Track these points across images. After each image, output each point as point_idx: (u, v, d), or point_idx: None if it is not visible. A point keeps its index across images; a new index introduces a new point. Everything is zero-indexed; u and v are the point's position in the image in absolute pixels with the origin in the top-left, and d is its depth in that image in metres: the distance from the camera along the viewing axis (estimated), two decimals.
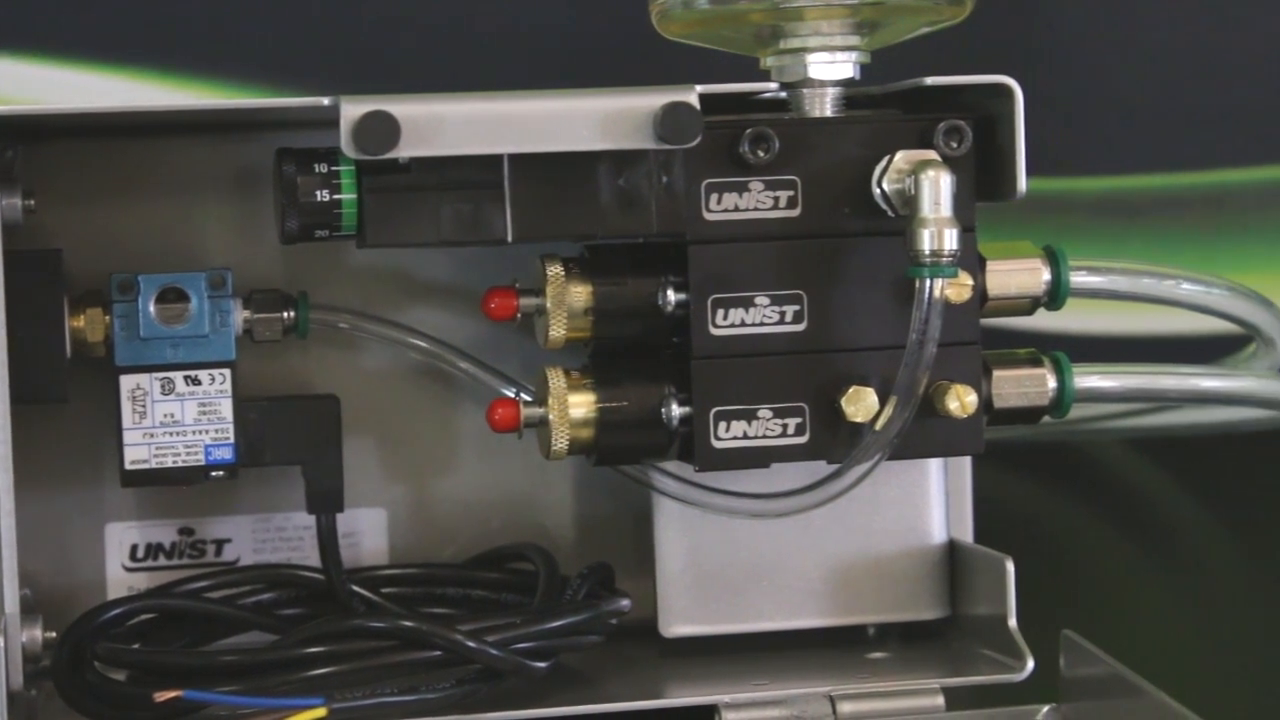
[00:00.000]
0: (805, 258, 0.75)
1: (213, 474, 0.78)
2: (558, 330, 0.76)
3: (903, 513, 0.81)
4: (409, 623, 0.73)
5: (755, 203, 0.75)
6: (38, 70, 1.18)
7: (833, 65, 0.76)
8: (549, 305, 0.76)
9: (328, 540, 0.79)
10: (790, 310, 0.75)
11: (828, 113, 0.77)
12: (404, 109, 0.71)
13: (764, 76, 0.78)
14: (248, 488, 0.82)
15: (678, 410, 0.75)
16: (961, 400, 0.75)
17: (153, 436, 0.77)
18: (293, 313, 0.79)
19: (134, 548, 0.83)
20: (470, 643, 0.72)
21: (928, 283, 0.72)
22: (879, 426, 0.74)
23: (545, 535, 0.84)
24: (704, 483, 0.78)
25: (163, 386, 0.77)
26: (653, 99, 0.72)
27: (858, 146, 0.75)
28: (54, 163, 0.80)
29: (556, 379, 0.76)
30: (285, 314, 0.79)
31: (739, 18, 0.77)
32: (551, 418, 0.76)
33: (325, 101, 0.72)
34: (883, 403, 0.74)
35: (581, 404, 0.76)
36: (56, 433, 0.81)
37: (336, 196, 0.74)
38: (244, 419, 0.78)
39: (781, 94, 0.78)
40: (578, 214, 0.74)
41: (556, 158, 0.73)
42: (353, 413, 0.81)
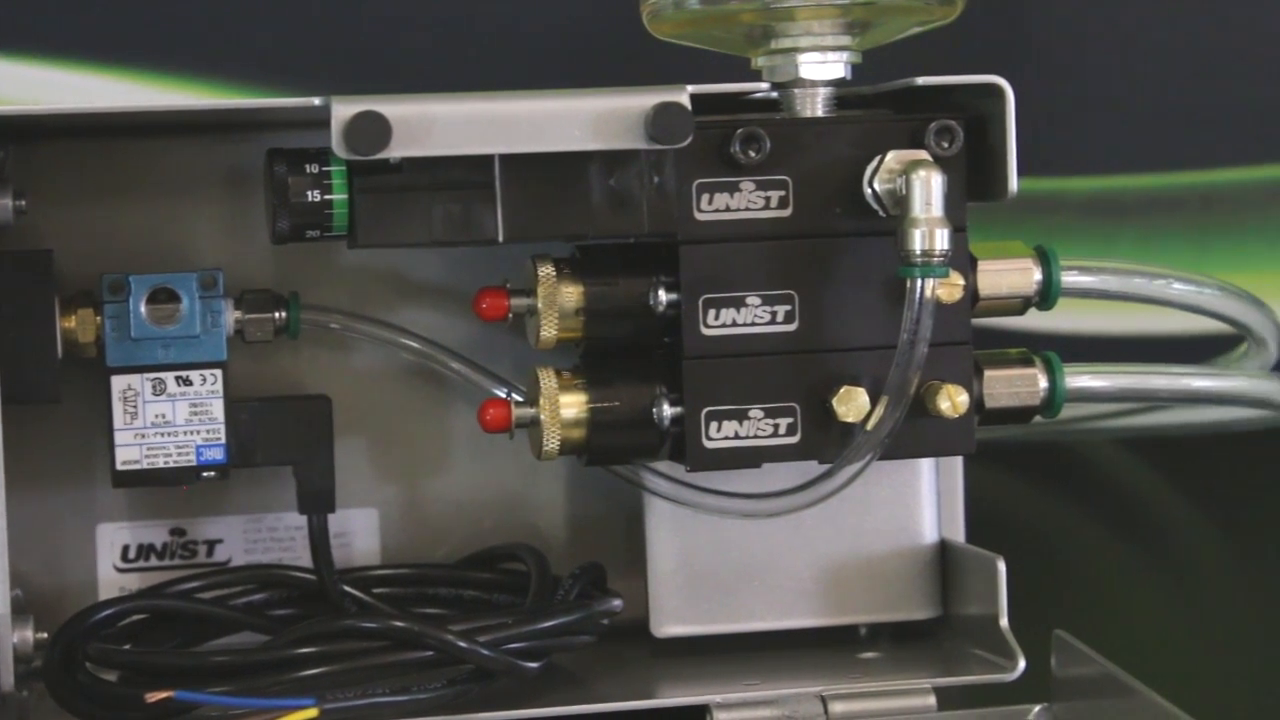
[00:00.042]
0: (796, 258, 0.75)
1: (204, 474, 0.77)
2: (549, 330, 0.76)
3: (894, 513, 0.81)
4: (401, 623, 0.73)
5: (746, 203, 0.75)
6: (33, 71, 1.17)
7: (824, 65, 0.77)
8: (540, 305, 0.76)
9: (319, 540, 0.79)
10: (781, 310, 0.75)
11: (819, 113, 0.77)
12: (395, 109, 0.71)
13: (755, 76, 0.78)
14: (239, 488, 0.82)
15: (669, 410, 0.75)
16: (953, 400, 0.75)
17: (144, 437, 0.77)
18: (284, 313, 0.79)
19: (125, 548, 0.83)
20: (462, 643, 0.72)
21: (919, 283, 0.72)
22: (870, 426, 0.74)
23: (537, 535, 0.84)
24: (695, 483, 0.78)
25: (154, 387, 0.77)
26: (644, 99, 0.72)
27: (849, 146, 0.75)
28: (45, 163, 0.80)
29: (548, 379, 0.76)
30: (276, 314, 0.79)
31: (730, 18, 0.77)
32: (543, 418, 0.75)
33: (316, 102, 0.72)
34: (874, 403, 0.74)
35: (573, 404, 0.76)
36: (47, 433, 0.81)
37: (328, 197, 0.74)
38: (235, 419, 0.78)
39: (773, 94, 0.78)
40: (569, 214, 0.74)
41: (548, 158, 0.73)
42: (344, 413, 0.81)
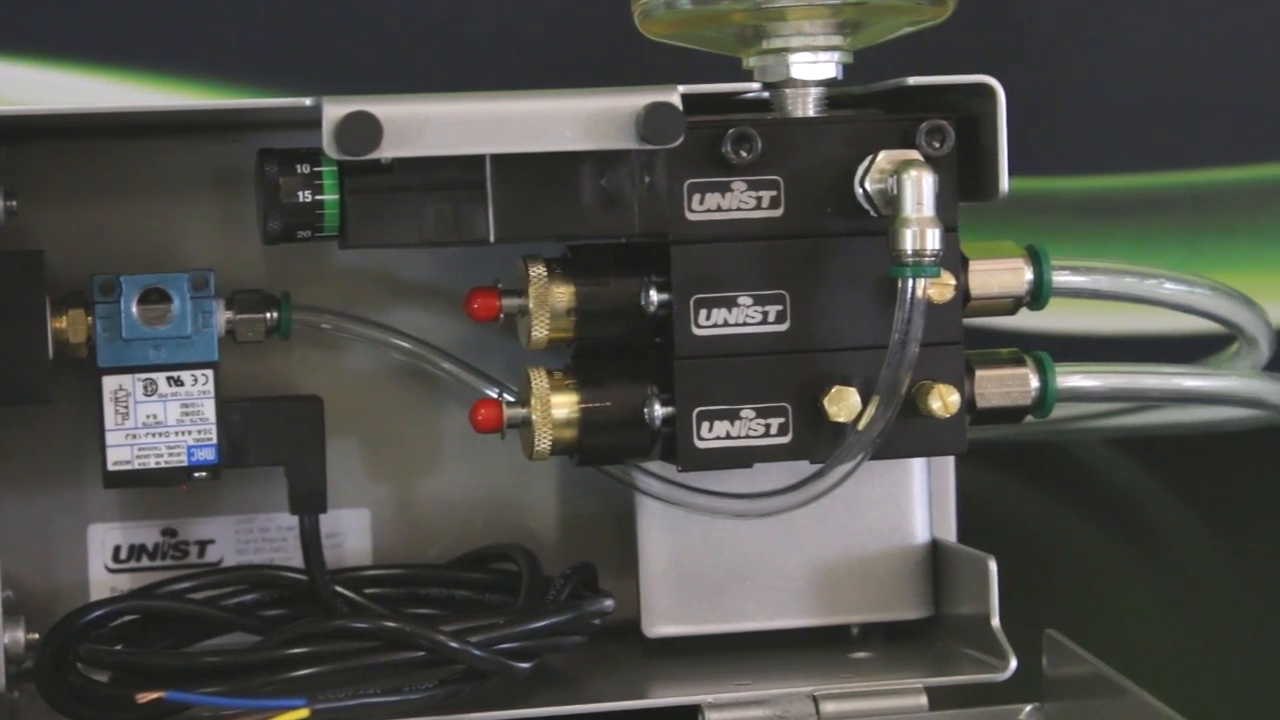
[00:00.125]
0: (788, 258, 0.75)
1: (195, 475, 0.77)
2: (540, 331, 0.76)
3: (886, 512, 0.81)
4: (392, 623, 0.73)
5: (738, 203, 0.75)
6: (28, 72, 1.17)
7: (815, 65, 0.76)
8: (531, 306, 0.76)
9: (311, 541, 0.79)
10: (773, 310, 0.75)
11: (810, 113, 0.77)
12: (386, 109, 0.71)
13: (746, 77, 0.78)
14: (231, 489, 0.82)
15: (660, 410, 0.75)
16: (944, 400, 0.75)
17: (135, 437, 0.77)
18: (275, 313, 0.79)
19: (117, 549, 0.83)
20: (453, 643, 0.72)
21: (910, 282, 0.72)
22: (862, 426, 0.74)
23: (528, 535, 0.84)
24: (687, 483, 0.78)
25: (145, 387, 0.77)
26: (635, 99, 0.72)
27: (840, 146, 0.75)
28: (36, 163, 0.80)
29: (539, 379, 0.76)
30: (268, 315, 0.79)
31: (721, 18, 0.77)
32: (534, 418, 0.75)
33: (307, 102, 0.72)
34: (865, 402, 0.74)
35: (564, 404, 0.76)
36: (38, 434, 0.81)
37: (319, 197, 0.74)
38: (227, 420, 0.78)
39: (764, 94, 0.78)
40: (560, 214, 0.74)
41: (539, 158, 0.73)
42: (336, 413, 0.81)
